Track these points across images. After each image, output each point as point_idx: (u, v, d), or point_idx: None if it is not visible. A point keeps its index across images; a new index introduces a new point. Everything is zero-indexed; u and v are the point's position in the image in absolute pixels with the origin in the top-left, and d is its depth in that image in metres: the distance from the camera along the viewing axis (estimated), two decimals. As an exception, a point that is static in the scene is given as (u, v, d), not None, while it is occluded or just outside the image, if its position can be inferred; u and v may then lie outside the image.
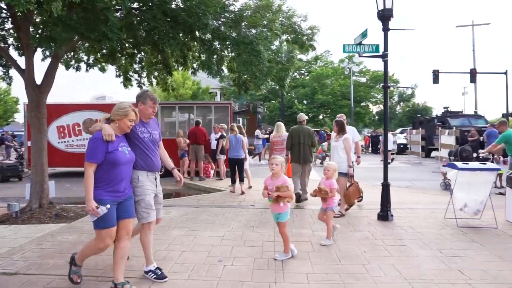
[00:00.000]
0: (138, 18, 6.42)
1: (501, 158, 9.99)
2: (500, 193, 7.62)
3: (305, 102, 36.78)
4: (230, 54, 7.62)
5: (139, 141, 3.44)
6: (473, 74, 23.74)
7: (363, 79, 38.48)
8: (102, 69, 8.30)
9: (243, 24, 6.96)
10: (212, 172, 11.41)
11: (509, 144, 7.30)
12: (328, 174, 4.68)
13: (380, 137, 16.97)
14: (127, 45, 7.55)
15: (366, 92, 37.02)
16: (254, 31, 6.90)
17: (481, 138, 12.43)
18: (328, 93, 34.68)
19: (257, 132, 19.67)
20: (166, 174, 11.91)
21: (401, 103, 51.01)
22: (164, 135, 12.23)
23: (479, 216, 5.45)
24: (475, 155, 9.49)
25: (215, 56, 7.21)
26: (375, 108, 43.30)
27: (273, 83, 9.12)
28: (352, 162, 6.31)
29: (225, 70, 8.65)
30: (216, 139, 10.68)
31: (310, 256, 4.11)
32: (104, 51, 7.41)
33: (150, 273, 3.52)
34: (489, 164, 5.82)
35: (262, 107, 37.25)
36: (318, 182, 4.85)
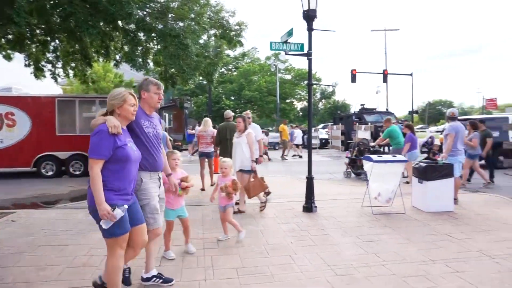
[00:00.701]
0: (52, 2, 5.83)
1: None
2: (407, 182, 8.49)
3: (232, 98, 37.03)
4: (156, 47, 7.34)
5: (143, 136, 3.00)
6: (385, 74, 26.08)
7: (288, 76, 39.95)
8: (8, 57, 7.39)
9: (169, 16, 6.74)
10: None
11: (392, 138, 9.01)
12: (225, 172, 4.51)
13: (294, 131, 17.81)
14: (38, 31, 6.82)
15: (291, 89, 38.50)
16: (181, 24, 6.72)
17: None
18: (255, 89, 35.36)
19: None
20: (87, 173, 11.16)
21: (323, 100, 54.02)
22: (83, 132, 11.37)
23: (391, 203, 6.02)
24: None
25: (139, 48, 6.87)
26: (299, 105, 45.29)
27: (201, 78, 9.01)
28: (257, 158, 6.16)
29: (151, 63, 8.30)
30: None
31: (239, 251, 4.16)
32: (10, 36, 6.61)
33: (154, 278, 3.27)
34: (399, 157, 6.46)
35: (189, 102, 36.58)
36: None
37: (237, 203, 6.12)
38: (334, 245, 4.30)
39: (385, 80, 26.59)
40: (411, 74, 26.53)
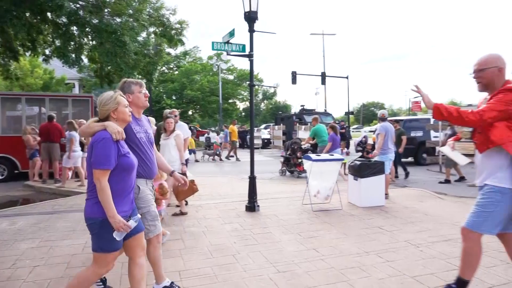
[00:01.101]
0: (-33, -11, 5.24)
1: (344, 149, 11.78)
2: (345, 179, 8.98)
3: (174, 97, 36.19)
4: (91, 42, 6.92)
5: (136, 142, 2.81)
6: (323, 77, 27.26)
7: (231, 77, 40.02)
8: None
9: (106, 11, 6.39)
10: (70, 173, 10.21)
11: (317, 136, 9.65)
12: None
13: (227, 131, 18.05)
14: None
15: (234, 89, 38.62)
16: (118, 20, 6.40)
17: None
18: (197, 89, 34.92)
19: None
20: (10, 178, 10.19)
21: (265, 101, 55.00)
22: (6, 132, 10.39)
23: (329, 200, 6.33)
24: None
25: (72, 43, 6.42)
26: (241, 105, 45.61)
27: (140, 77, 8.68)
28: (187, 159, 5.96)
29: (85, 60, 7.82)
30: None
31: (182, 253, 4.09)
32: None
33: None
34: (336, 155, 6.80)
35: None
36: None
37: (177, 206, 6.02)
38: (276, 243, 4.41)
39: (323, 82, 27.81)
40: (347, 77, 28.03)
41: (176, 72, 37.78)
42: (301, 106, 24.86)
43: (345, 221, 5.39)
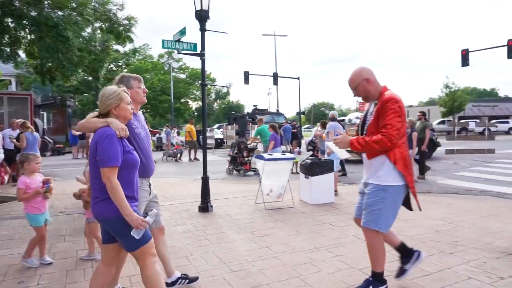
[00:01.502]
0: None
1: (297, 149, 12.08)
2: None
3: (123, 96, 34.79)
4: (29, 36, 6.41)
5: (134, 138, 2.69)
6: (275, 77, 27.68)
7: (183, 76, 39.37)
8: None
9: (46, 3, 5.96)
10: (6, 177, 9.45)
11: (261, 136, 9.97)
12: (82, 180, 4.11)
13: (170, 130, 17.75)
14: None
15: (186, 88, 38.02)
16: (60, 13, 6.01)
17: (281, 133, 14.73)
18: (148, 88, 33.61)
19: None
20: None
21: (218, 100, 54.74)
22: None
23: (281, 198, 6.44)
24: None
25: (7, 36, 5.91)
26: (194, 105, 45.02)
27: (85, 74, 8.22)
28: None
29: (23, 55, 7.25)
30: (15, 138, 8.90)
31: (132, 257, 3.94)
32: None
33: (180, 280, 3.08)
34: (288, 154, 6.95)
35: (72, 100, 33.15)
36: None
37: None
38: (230, 243, 4.40)
39: (275, 82, 28.25)
40: (298, 78, 28.71)
41: (125, 70, 36.38)
42: (254, 106, 25.10)
43: (297, 218, 5.52)
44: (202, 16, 6.00)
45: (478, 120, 26.94)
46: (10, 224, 5.38)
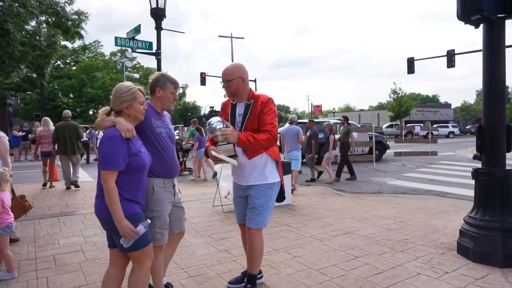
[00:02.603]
0: None
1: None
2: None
3: (71, 95, 33.00)
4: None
5: (155, 137, 2.59)
6: (232, 79, 27.62)
7: (137, 75, 38.11)
8: None
9: (-18, -8, 5.47)
10: None
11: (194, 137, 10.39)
12: None
13: (95, 132, 17.15)
14: None
15: (141, 89, 36.83)
16: (0, 3, 5.52)
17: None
18: (99, 87, 32.41)
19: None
20: None
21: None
22: None
23: (239, 201, 6.40)
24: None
25: None
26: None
27: (29, 71, 7.65)
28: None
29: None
30: None
31: (82, 266, 3.72)
32: None
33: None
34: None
35: (13, 98, 30.81)
36: None
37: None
38: (187, 247, 4.30)
39: (232, 84, 28.17)
40: (254, 80, 28.92)
41: (74, 68, 34.50)
42: (211, 107, 24.92)
43: (255, 220, 5.51)
44: (158, 14, 5.84)
45: (422, 124, 28.75)
46: None
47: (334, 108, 64.30)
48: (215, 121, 2.89)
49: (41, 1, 6.34)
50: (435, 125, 35.43)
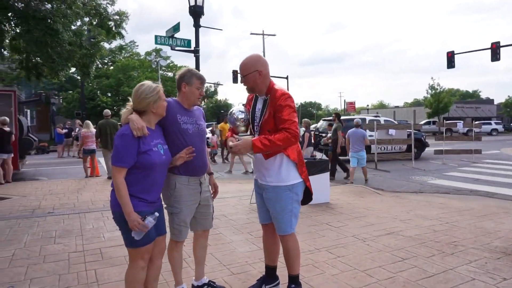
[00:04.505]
0: None
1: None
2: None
3: (109, 94, 34.20)
4: (14, 29, 6.12)
5: (181, 134, 2.57)
6: (264, 76, 27.54)
7: (171, 74, 38.91)
8: None
9: (33, -6, 5.71)
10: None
11: None
12: None
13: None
14: None
15: (174, 87, 37.54)
16: (49, 6, 5.74)
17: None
18: (135, 86, 33.37)
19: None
20: None
21: (206, 99, 54.39)
22: None
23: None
24: None
25: (-12, 29, 5.62)
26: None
27: (75, 70, 7.96)
28: None
29: (6, 49, 6.93)
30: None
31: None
32: None
33: (206, 286, 2.93)
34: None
35: (57, 97, 32.39)
36: None
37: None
38: (228, 244, 4.30)
39: (264, 82, 28.10)
40: (286, 77, 28.70)
41: (112, 68, 35.74)
42: (243, 105, 24.93)
43: (293, 218, 5.43)
44: (196, 11, 5.87)
45: (462, 121, 27.46)
46: (-4, 226, 5.15)
47: (367, 105, 62.67)
48: (236, 110, 2.81)
49: (85, 3, 6.56)
50: (476, 122, 33.68)
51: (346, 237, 4.50)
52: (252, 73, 2.67)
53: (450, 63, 21.25)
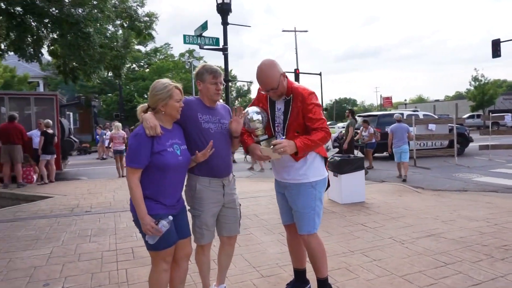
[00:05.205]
0: None
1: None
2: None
3: (145, 96, 35.21)
4: (51, 35, 6.36)
5: (201, 134, 2.48)
6: (296, 73, 27.26)
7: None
8: None
9: (66, 0, 5.89)
10: (35, 176, 9.62)
11: None
12: None
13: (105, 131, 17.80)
14: None
15: (207, 86, 38.13)
16: (81, 10, 5.92)
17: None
18: (170, 87, 34.21)
19: None
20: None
21: (239, 98, 54.70)
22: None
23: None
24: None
25: (29, 36, 5.86)
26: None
27: (107, 73, 8.20)
28: None
29: (47, 55, 7.25)
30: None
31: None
32: None
33: None
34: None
35: (97, 100, 33.82)
36: None
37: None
38: (258, 245, 4.20)
39: (296, 79, 27.82)
40: (320, 74, 28.22)
41: (147, 70, 36.81)
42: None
43: (327, 218, 5.25)
44: (224, 9, 5.84)
45: (511, 114, 25.67)
46: (37, 224, 5.37)
47: (405, 100, 60.32)
48: (252, 111, 2.64)
49: (116, 6, 6.70)
50: (526, 115, 31.47)
51: (382, 239, 4.25)
52: (280, 79, 2.55)
53: (496, 52, 19.95)
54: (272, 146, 2.46)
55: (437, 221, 4.93)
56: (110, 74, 8.69)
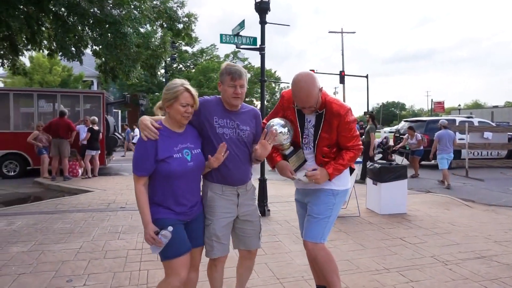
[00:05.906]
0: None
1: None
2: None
3: (191, 95, 36.17)
4: (91, 34, 6.58)
5: (215, 139, 2.29)
6: (342, 76, 26.53)
7: (248, 75, 39.70)
8: None
9: (109, 1, 6.05)
10: (80, 170, 10.09)
11: None
12: None
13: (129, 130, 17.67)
14: None
15: (251, 87, 38.32)
16: (119, 10, 6.05)
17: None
18: (214, 87, 34.76)
19: None
20: (23, 174, 10.14)
21: (282, 100, 54.55)
22: (19, 128, 10.37)
23: (345, 205, 5.84)
24: None
25: (71, 35, 6.10)
26: (259, 104, 45.25)
27: (144, 72, 8.38)
28: None
29: (89, 54, 7.54)
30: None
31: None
32: None
33: None
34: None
35: (144, 99, 35.17)
36: None
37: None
38: (286, 254, 3.98)
39: (342, 81, 27.08)
40: (366, 76, 27.24)
41: (193, 70, 37.75)
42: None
43: (362, 230, 4.91)
44: (262, 8, 5.66)
45: None
46: (74, 217, 5.53)
47: (459, 105, 56.59)
48: (276, 123, 2.40)
49: (155, 6, 6.80)
50: None
51: (423, 257, 3.86)
52: (318, 94, 2.36)
53: None
54: (304, 173, 2.43)
55: (489, 241, 4.41)
56: (145, 72, 8.83)
